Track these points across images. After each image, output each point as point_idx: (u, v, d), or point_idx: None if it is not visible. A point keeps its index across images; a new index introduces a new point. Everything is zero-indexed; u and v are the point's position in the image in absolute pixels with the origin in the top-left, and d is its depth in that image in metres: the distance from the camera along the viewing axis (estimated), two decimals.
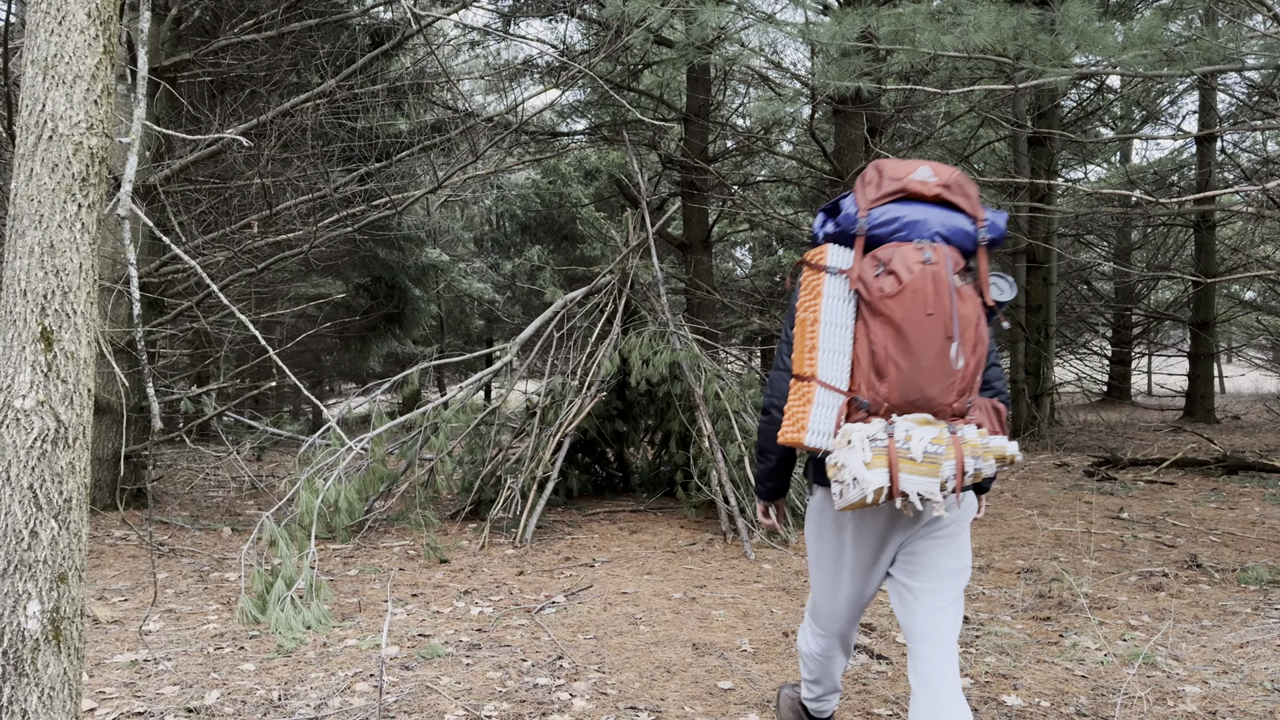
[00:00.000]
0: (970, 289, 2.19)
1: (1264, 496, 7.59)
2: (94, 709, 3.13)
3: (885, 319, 2.12)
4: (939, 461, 2.06)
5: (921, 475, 2.05)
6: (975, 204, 2.29)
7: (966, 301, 2.15)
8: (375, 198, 8.28)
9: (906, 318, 2.10)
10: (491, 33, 10.49)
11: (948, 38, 4.73)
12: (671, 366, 6.52)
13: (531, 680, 3.43)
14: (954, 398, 2.14)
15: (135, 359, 6.52)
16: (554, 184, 15.75)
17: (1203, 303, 14.53)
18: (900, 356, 2.11)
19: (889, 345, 2.12)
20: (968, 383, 2.15)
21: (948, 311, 2.11)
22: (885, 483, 2.05)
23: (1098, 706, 3.18)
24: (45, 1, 2.06)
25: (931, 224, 2.22)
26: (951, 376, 2.12)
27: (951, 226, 2.24)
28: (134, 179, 2.51)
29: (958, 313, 2.12)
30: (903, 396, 2.11)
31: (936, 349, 2.10)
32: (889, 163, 2.27)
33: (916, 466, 2.05)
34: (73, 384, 2.07)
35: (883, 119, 11.04)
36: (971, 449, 2.11)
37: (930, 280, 2.11)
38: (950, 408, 2.13)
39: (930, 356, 2.10)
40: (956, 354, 2.12)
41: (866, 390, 2.14)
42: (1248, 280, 17.08)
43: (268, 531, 4.52)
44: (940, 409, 2.13)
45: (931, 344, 2.10)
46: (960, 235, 2.24)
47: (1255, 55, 5.27)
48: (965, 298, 2.15)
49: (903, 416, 2.11)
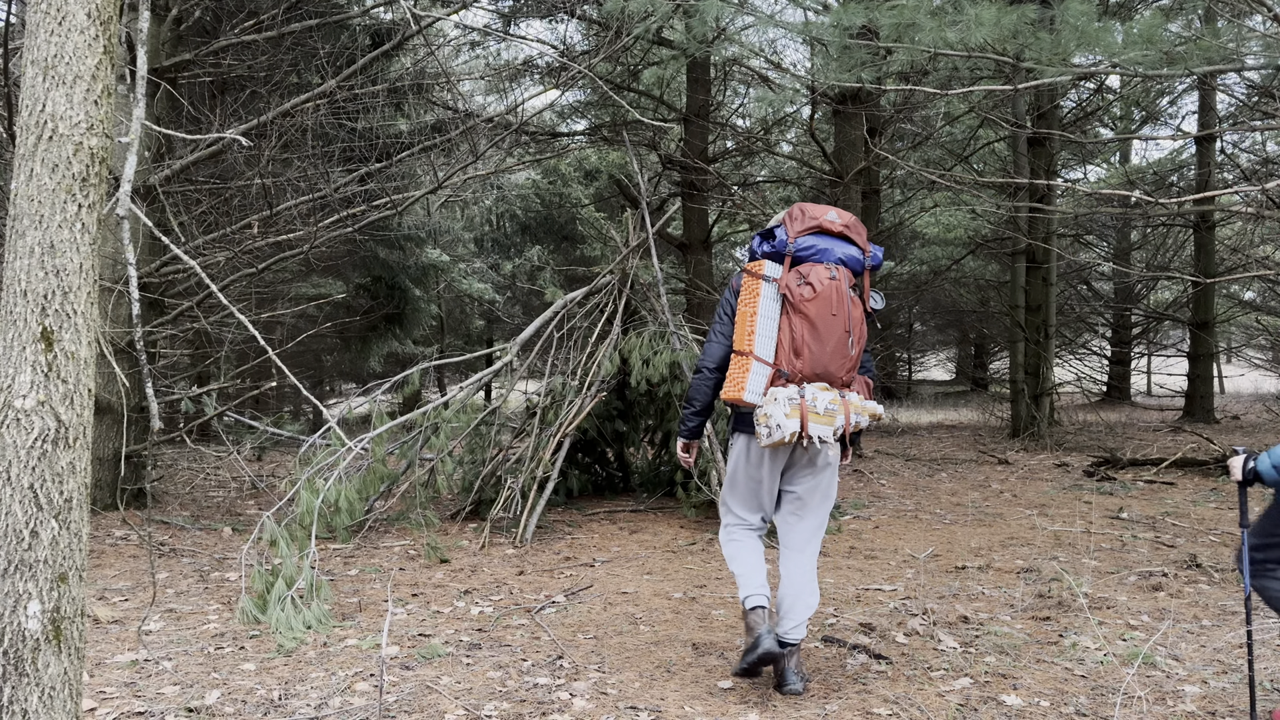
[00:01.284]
0: (857, 298, 3.22)
1: (1263, 497, 7.58)
2: (94, 709, 3.13)
3: (804, 316, 3.13)
4: (834, 415, 3.11)
5: (822, 424, 3.08)
6: (864, 241, 3.30)
7: (856, 307, 3.21)
8: (375, 198, 8.28)
9: (818, 316, 3.12)
10: (491, 33, 10.49)
11: (949, 33, 4.72)
12: (671, 366, 6.52)
13: (531, 680, 3.43)
14: (845, 373, 3.19)
15: (135, 359, 6.52)
16: (554, 184, 15.75)
17: (1202, 303, 14.53)
18: (813, 342, 3.12)
19: (805, 334, 3.13)
20: (854, 363, 3.21)
21: (846, 313, 3.15)
22: (798, 428, 3.04)
23: (1097, 706, 3.18)
24: (45, 2, 2.06)
25: (836, 252, 3.21)
26: (845, 358, 3.17)
27: (848, 255, 3.24)
28: (134, 179, 2.52)
29: (851, 314, 3.17)
30: (812, 370, 3.13)
31: (837, 339, 3.14)
32: (809, 205, 3.27)
33: (819, 418, 3.08)
34: (73, 384, 2.07)
35: (882, 119, 11.05)
36: (854, 408, 3.16)
37: (835, 291, 3.13)
38: (842, 380, 3.19)
39: (833, 344, 3.14)
40: (850, 343, 3.17)
41: (787, 364, 3.14)
42: (1247, 280, 17.08)
43: (268, 531, 4.52)
44: (835, 380, 3.17)
45: (834, 335, 3.13)
46: (854, 261, 3.25)
47: (1255, 55, 5.27)
48: (855, 304, 3.21)
49: (810, 384, 3.13)
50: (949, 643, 3.86)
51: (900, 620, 4.22)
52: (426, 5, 9.43)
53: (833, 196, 10.64)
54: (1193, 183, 14.53)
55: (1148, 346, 20.84)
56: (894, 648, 3.82)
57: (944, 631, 4.03)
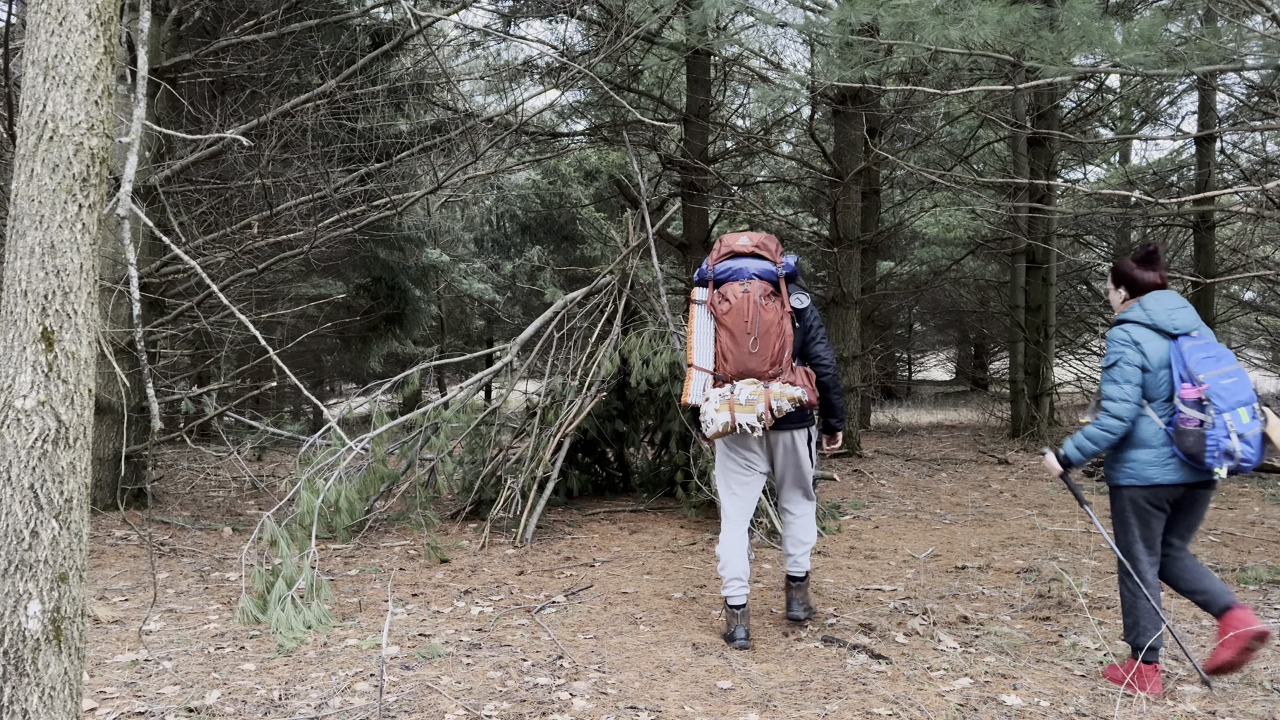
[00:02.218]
0: (774, 303, 3.76)
1: (1263, 496, 7.59)
2: (94, 709, 3.13)
3: (725, 326, 3.76)
4: (755, 404, 3.66)
5: (745, 413, 3.66)
6: (775, 254, 3.85)
7: (770, 311, 3.73)
8: (375, 198, 8.28)
9: (734, 325, 3.74)
10: (491, 33, 10.49)
11: (952, 32, 4.72)
12: (671, 366, 6.52)
13: (532, 680, 3.43)
14: (766, 368, 3.71)
15: (136, 359, 6.52)
16: (554, 184, 15.74)
17: (1202, 303, 14.49)
18: (733, 347, 3.73)
19: (727, 341, 3.75)
20: (774, 358, 3.71)
21: (757, 318, 3.72)
22: (728, 419, 3.67)
23: (1097, 706, 3.18)
24: (46, 2, 2.06)
25: (750, 269, 3.81)
26: (761, 356, 3.71)
27: (761, 269, 3.81)
28: (134, 179, 2.52)
29: (763, 318, 3.72)
30: (736, 370, 3.74)
31: (752, 340, 3.71)
32: (727, 235, 3.90)
33: (742, 408, 3.67)
34: (73, 384, 2.07)
35: (882, 119, 11.05)
36: (774, 395, 3.67)
37: (747, 301, 3.73)
38: (766, 374, 3.72)
39: (748, 345, 3.71)
40: (759, 343, 3.71)
41: (719, 368, 3.78)
42: (1247, 280, 17.08)
43: (268, 531, 4.52)
44: (759, 375, 3.72)
45: (746, 339, 3.71)
46: (767, 273, 3.81)
47: (1255, 55, 5.27)
48: (769, 309, 3.73)
49: (739, 381, 3.72)
50: (949, 643, 3.86)
51: (900, 620, 4.22)
52: (426, 5, 9.43)
53: (833, 196, 10.65)
54: (1193, 183, 14.52)
55: None
56: (894, 648, 3.82)
57: (944, 631, 4.04)
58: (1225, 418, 3.12)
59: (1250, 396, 3.17)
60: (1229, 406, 3.13)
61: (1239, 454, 3.11)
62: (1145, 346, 3.30)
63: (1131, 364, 3.29)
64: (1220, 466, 3.13)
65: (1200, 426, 3.16)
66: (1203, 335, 3.31)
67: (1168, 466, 3.25)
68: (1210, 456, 3.13)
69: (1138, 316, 3.36)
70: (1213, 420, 3.14)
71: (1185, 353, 3.24)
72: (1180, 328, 3.29)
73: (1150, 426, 3.29)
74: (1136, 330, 3.34)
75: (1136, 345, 3.30)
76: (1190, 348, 3.25)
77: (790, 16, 10.06)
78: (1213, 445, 3.13)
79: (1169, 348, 3.29)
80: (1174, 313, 3.32)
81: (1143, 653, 3.31)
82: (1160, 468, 3.25)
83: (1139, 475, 3.28)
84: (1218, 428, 3.12)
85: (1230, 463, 3.12)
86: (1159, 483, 3.26)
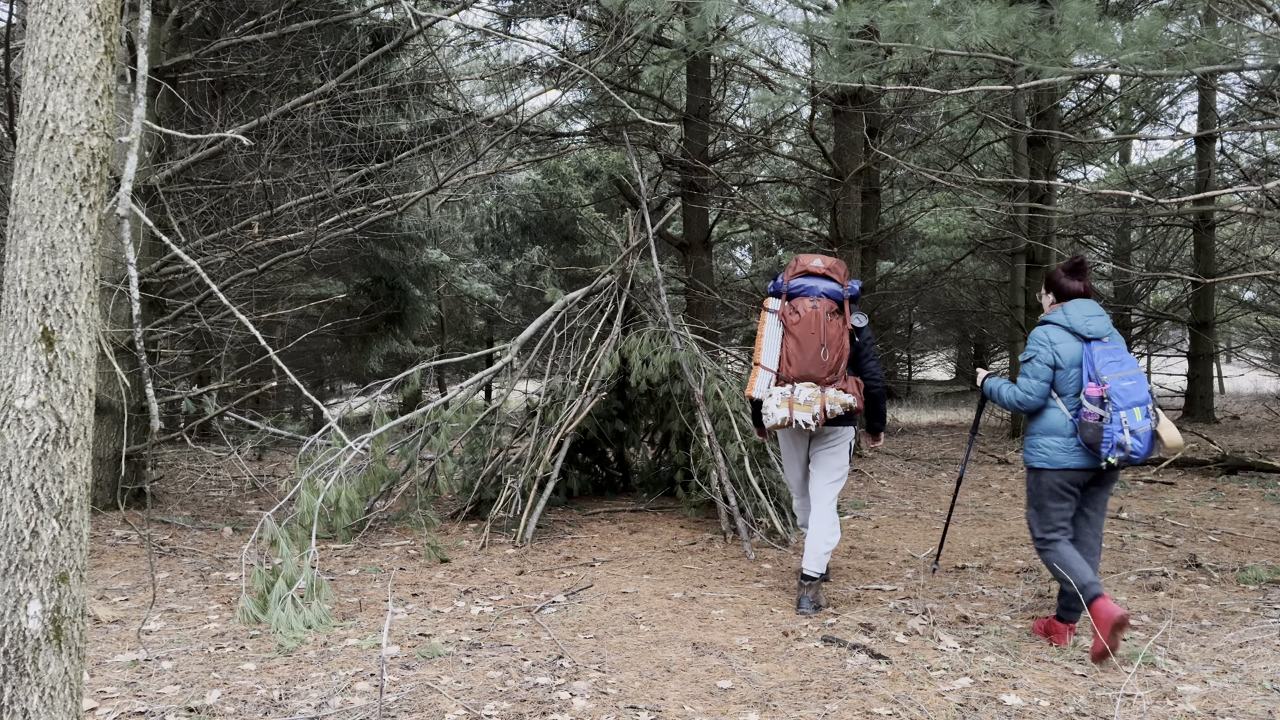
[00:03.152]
0: (838, 320, 4.31)
1: (1263, 496, 7.59)
2: (95, 708, 3.14)
3: (792, 334, 4.30)
4: (812, 404, 4.21)
5: (803, 411, 4.21)
6: (843, 278, 4.43)
7: (833, 327, 4.28)
8: (376, 198, 8.27)
9: (802, 334, 4.28)
10: (492, 33, 10.48)
11: (950, 34, 4.72)
12: (671, 366, 6.52)
13: (532, 680, 3.43)
14: (825, 374, 4.25)
15: (136, 359, 6.52)
16: (554, 184, 15.74)
17: (1202, 303, 14.53)
18: (798, 353, 4.27)
19: (792, 347, 4.30)
20: (832, 367, 4.25)
21: (822, 331, 4.26)
22: (787, 414, 4.23)
23: (1097, 706, 3.18)
24: (46, 2, 2.07)
25: (819, 288, 4.35)
26: (822, 364, 4.24)
27: (829, 289, 4.36)
28: (134, 179, 2.52)
29: (827, 332, 4.26)
30: (798, 373, 4.28)
31: (815, 350, 4.26)
32: (802, 256, 4.45)
33: (800, 407, 4.22)
34: (74, 384, 2.08)
35: (882, 119, 11.05)
36: (829, 399, 4.23)
37: (814, 316, 4.28)
38: (824, 380, 4.25)
39: (811, 353, 4.26)
40: (824, 353, 4.24)
41: (783, 370, 4.33)
42: (1247, 280, 17.08)
43: (268, 531, 4.52)
44: (818, 380, 4.26)
45: (813, 347, 4.26)
46: (833, 293, 4.36)
47: (1255, 55, 5.27)
48: (833, 325, 4.29)
49: (799, 383, 4.27)
50: (949, 642, 3.86)
51: (900, 620, 4.22)
52: (427, 5, 9.43)
53: (833, 196, 10.64)
54: (1193, 183, 14.52)
55: (1148, 346, 20.83)
56: (894, 648, 3.82)
57: (944, 631, 4.04)
58: (1121, 415, 3.59)
59: (1145, 398, 3.64)
60: (1125, 406, 3.59)
61: (1129, 447, 3.58)
62: (1060, 347, 3.77)
63: (1043, 361, 3.80)
64: (1113, 456, 3.60)
65: (1099, 421, 3.63)
66: (1113, 341, 3.78)
67: (1074, 453, 3.72)
68: (1105, 447, 3.61)
69: (1058, 320, 3.83)
70: (1110, 416, 3.61)
71: (1095, 356, 3.71)
72: (1094, 333, 3.76)
73: (1060, 417, 3.76)
74: (1054, 331, 3.81)
75: (1051, 345, 3.79)
76: (1100, 352, 3.71)
77: (790, 17, 10.06)
78: (1108, 437, 3.60)
79: (1082, 350, 3.75)
80: (1090, 319, 3.78)
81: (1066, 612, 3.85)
82: (1068, 454, 3.73)
83: (1050, 460, 3.77)
84: (1114, 423, 3.59)
85: (1121, 454, 3.59)
86: (1067, 466, 3.74)
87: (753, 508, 6.13)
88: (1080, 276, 3.90)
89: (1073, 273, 3.91)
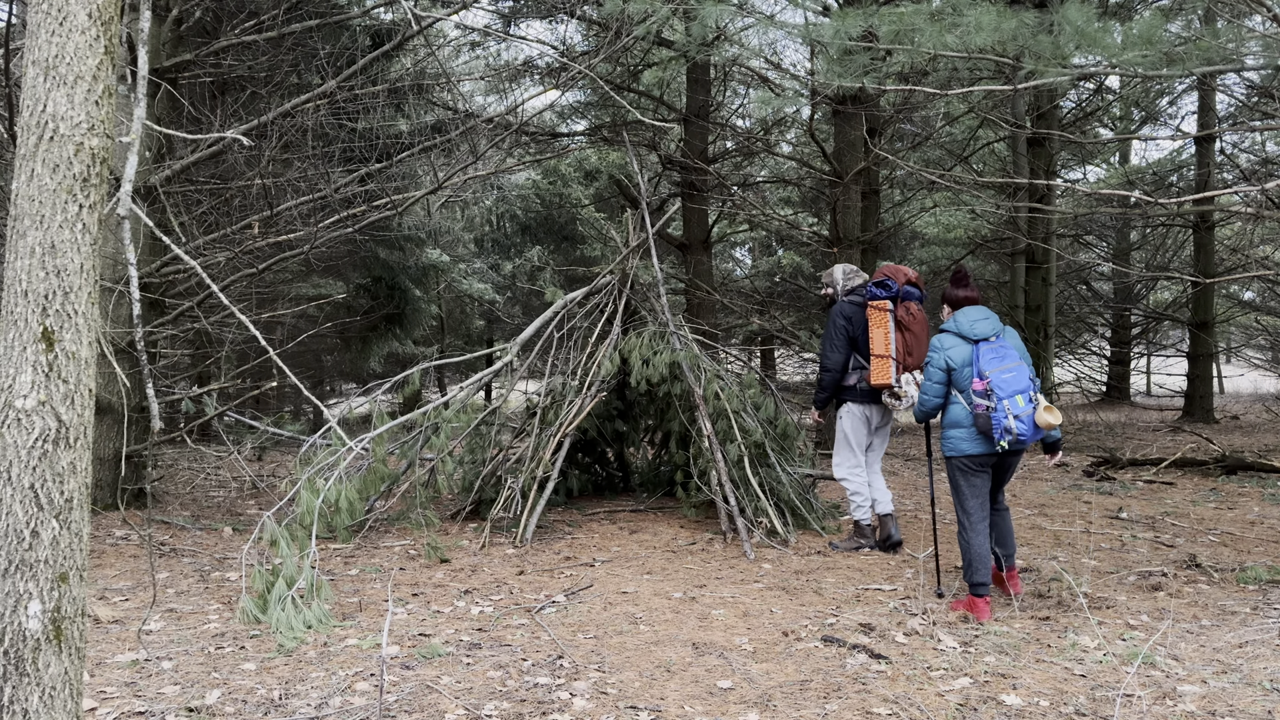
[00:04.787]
0: None
1: (1263, 496, 7.60)
2: (95, 708, 3.14)
3: (911, 331, 5.38)
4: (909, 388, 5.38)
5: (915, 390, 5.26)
6: (923, 288, 5.56)
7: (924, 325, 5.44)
8: (376, 198, 8.27)
9: (920, 331, 5.38)
10: (492, 34, 10.49)
11: (949, 37, 4.72)
12: (671, 366, 6.52)
13: (532, 679, 3.43)
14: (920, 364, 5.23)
15: (136, 359, 6.52)
16: (554, 184, 15.74)
17: (1202, 303, 14.53)
18: (915, 346, 5.38)
19: (911, 341, 5.38)
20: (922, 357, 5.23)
21: (925, 329, 5.37)
22: (915, 394, 5.24)
23: (1097, 706, 3.18)
24: (46, 2, 2.07)
25: (914, 293, 5.52)
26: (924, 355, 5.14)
27: (918, 295, 5.51)
28: (134, 179, 2.52)
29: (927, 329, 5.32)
30: (915, 362, 5.37)
31: (922, 346, 5.33)
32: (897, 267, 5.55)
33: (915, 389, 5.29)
34: (74, 384, 2.08)
35: (882, 120, 11.04)
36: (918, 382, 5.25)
37: (921, 316, 5.43)
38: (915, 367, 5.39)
39: (920, 347, 5.37)
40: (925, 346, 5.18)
41: (904, 360, 5.40)
42: (1247, 280, 17.08)
43: (269, 531, 4.52)
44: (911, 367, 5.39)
45: (923, 341, 5.33)
46: (918, 299, 5.51)
47: (1255, 55, 5.27)
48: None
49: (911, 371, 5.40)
50: (949, 643, 3.87)
51: (900, 620, 4.22)
52: (427, 6, 9.44)
53: (832, 197, 10.64)
54: (1192, 183, 14.53)
55: (1147, 346, 20.84)
56: (894, 647, 3.82)
57: (944, 631, 4.04)
58: (1005, 404, 4.06)
59: (1025, 386, 4.09)
60: (1008, 394, 4.07)
61: (1015, 431, 4.03)
62: (951, 351, 4.31)
63: (937, 365, 4.35)
64: (1004, 441, 4.07)
65: (987, 410, 4.13)
66: (999, 340, 4.26)
67: (976, 441, 4.25)
68: (996, 433, 4.08)
69: (950, 326, 4.38)
70: (995, 405, 4.09)
71: (981, 354, 4.21)
72: (980, 335, 4.27)
73: (962, 411, 4.29)
74: (946, 338, 4.36)
75: (943, 351, 4.32)
76: (985, 350, 4.22)
77: (790, 18, 10.06)
78: (997, 424, 4.07)
79: (971, 351, 4.26)
80: (976, 323, 4.30)
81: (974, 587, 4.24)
82: (970, 442, 4.26)
83: (957, 448, 4.30)
84: (999, 411, 4.07)
85: (1009, 438, 4.05)
86: (971, 453, 4.27)
87: (752, 508, 6.13)
88: (965, 285, 4.46)
89: (958, 283, 4.48)
